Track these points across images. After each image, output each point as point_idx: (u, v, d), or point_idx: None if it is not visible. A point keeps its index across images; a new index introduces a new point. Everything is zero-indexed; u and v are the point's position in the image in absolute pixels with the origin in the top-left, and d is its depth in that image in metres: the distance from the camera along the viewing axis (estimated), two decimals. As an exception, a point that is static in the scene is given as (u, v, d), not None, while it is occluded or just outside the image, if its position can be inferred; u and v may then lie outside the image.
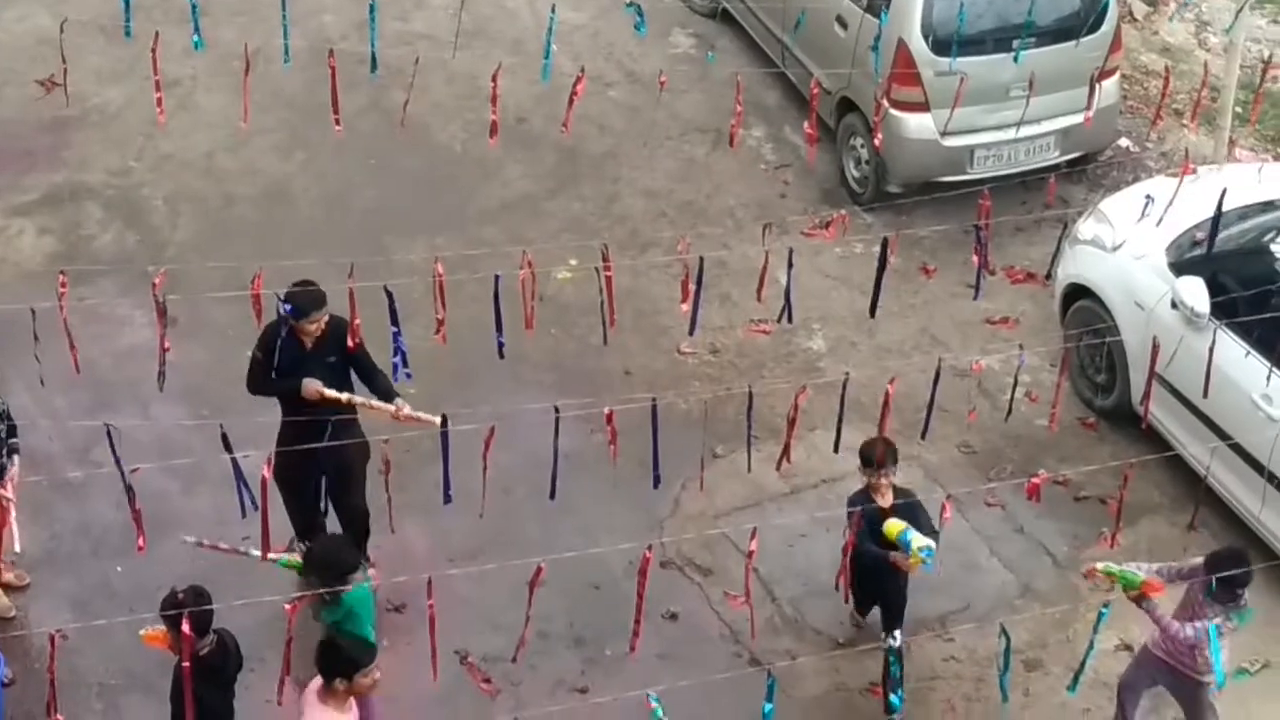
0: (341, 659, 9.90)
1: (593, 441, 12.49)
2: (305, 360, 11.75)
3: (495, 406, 11.84)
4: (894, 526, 11.14)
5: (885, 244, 11.73)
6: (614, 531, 12.47)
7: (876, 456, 11.37)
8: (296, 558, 11.14)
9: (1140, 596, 10.65)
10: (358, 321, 11.32)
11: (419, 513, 12.58)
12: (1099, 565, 10.83)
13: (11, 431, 11.88)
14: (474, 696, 11.83)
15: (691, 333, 12.23)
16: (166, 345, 11.14)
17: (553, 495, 10.96)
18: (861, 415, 12.64)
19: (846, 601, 11.22)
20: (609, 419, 10.73)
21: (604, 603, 12.33)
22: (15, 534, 11.54)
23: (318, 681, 9.98)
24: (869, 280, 12.20)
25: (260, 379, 11.96)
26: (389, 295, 10.82)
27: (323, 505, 12.62)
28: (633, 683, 10.96)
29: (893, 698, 11.05)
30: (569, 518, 12.67)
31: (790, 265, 11.83)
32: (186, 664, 9.67)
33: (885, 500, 11.31)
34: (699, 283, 11.63)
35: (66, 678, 11.00)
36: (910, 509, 11.36)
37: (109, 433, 10.18)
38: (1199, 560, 10.70)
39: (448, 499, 10.84)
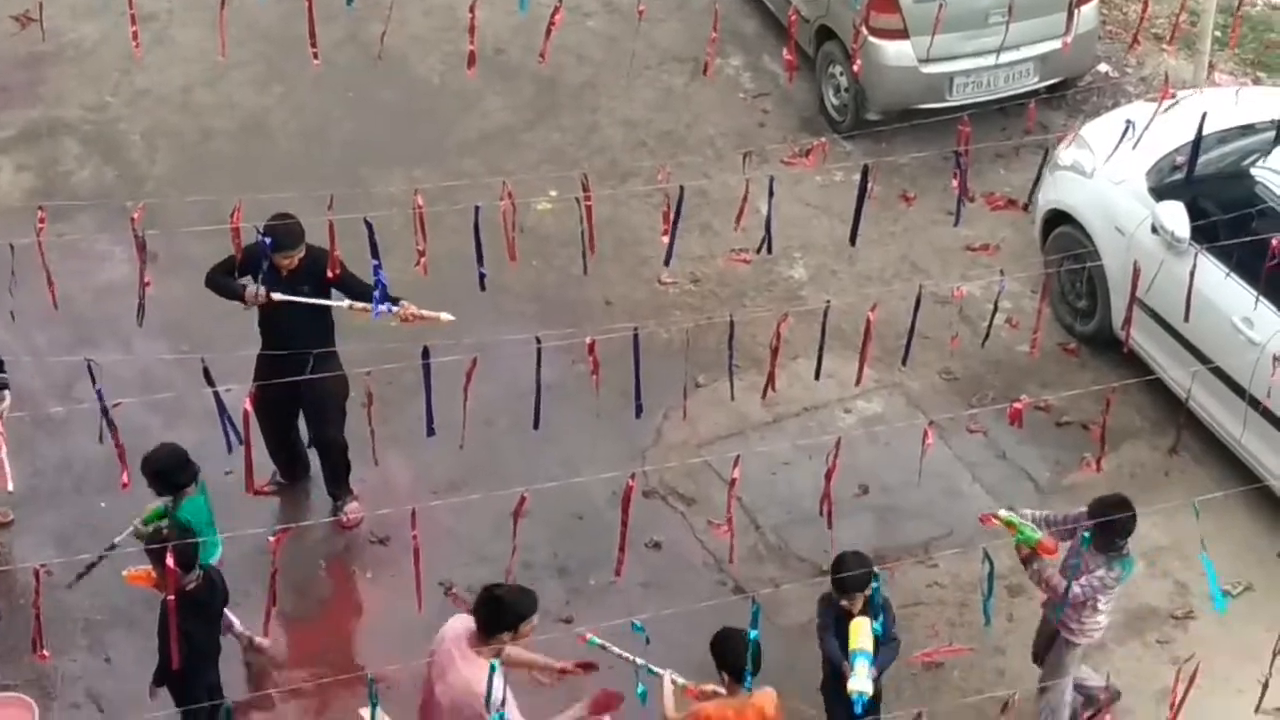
0: (508, 613, 9.68)
1: (574, 372, 12.50)
2: (277, 288, 11.77)
3: (477, 338, 11.80)
4: (855, 634, 10.39)
5: (866, 171, 11.70)
6: (596, 461, 12.47)
7: (849, 584, 10.49)
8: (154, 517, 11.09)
9: (1031, 555, 10.65)
10: (337, 254, 11.28)
11: (401, 445, 12.59)
12: (1001, 512, 10.79)
13: None
14: (459, 627, 11.86)
15: (667, 262, 12.19)
16: (147, 280, 11.10)
17: (536, 425, 10.94)
18: (843, 343, 12.66)
19: (830, 528, 11.22)
20: (590, 349, 10.71)
21: (587, 533, 12.36)
22: (7, 472, 11.52)
23: (465, 628, 9.75)
24: (849, 208, 12.18)
25: (219, 274, 12.03)
26: (369, 227, 10.77)
27: (303, 438, 12.66)
28: (617, 612, 10.98)
29: (876, 624, 11.04)
30: (551, 448, 12.68)
31: (770, 194, 11.80)
32: (171, 597, 9.67)
33: (855, 607, 10.56)
34: (678, 212, 11.60)
35: (52, 614, 10.99)
36: (876, 609, 10.54)
37: (90, 368, 10.15)
38: (1083, 509, 10.67)
39: (431, 431, 10.82)
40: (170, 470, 11.02)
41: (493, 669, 9.11)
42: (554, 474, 11.99)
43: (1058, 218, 14.02)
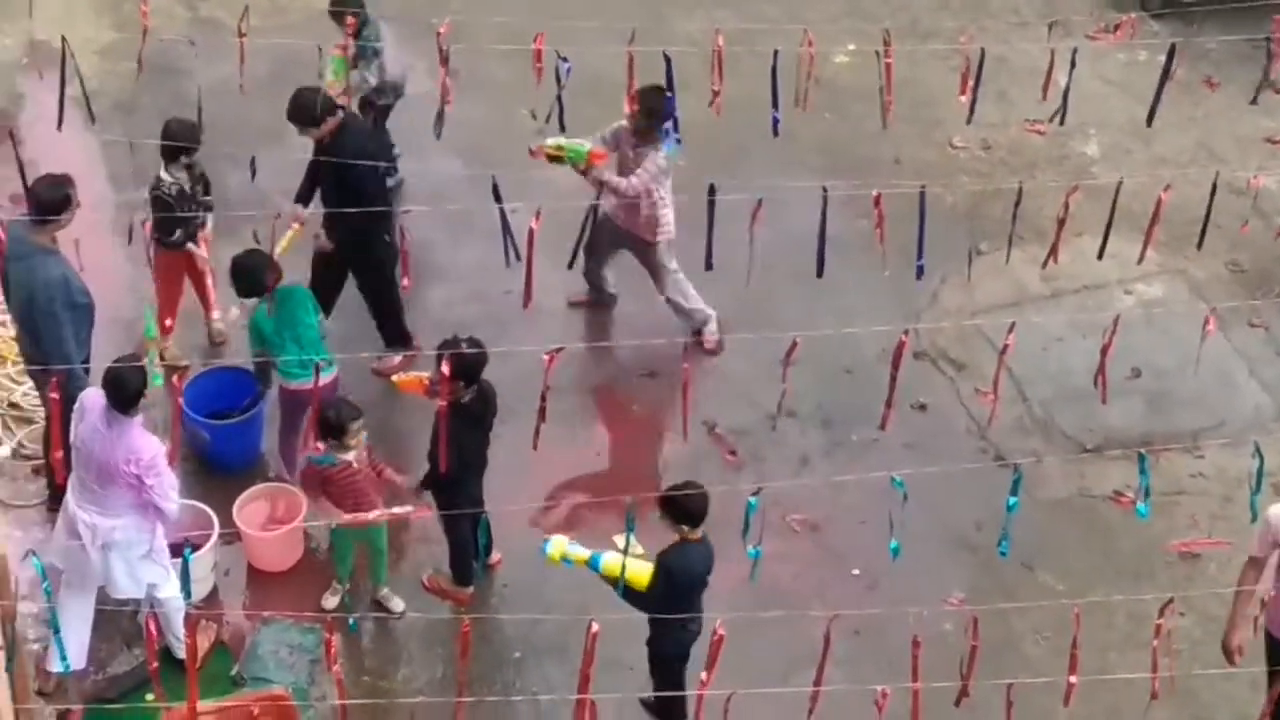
0: None
1: (857, 226, 12.47)
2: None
3: (763, 182, 11.83)
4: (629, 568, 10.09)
5: (1172, 52, 11.48)
6: (870, 316, 12.44)
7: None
8: None
9: (588, 167, 11.87)
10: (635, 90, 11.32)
11: (677, 281, 12.65)
12: (548, 140, 11.64)
13: (206, 189, 12.15)
14: (718, 465, 12.00)
15: (970, 121, 12.09)
16: (449, 99, 11.23)
17: (820, 273, 10.92)
18: (1130, 224, 12.42)
19: (1104, 402, 11.08)
20: (876, 202, 10.68)
21: (854, 387, 12.37)
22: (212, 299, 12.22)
23: None
24: (1150, 89, 11.95)
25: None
26: (668, 62, 10.83)
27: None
28: (877, 467, 11.02)
29: (1140, 506, 10.93)
30: (827, 299, 12.61)
31: (1072, 66, 11.65)
32: (445, 404, 9.92)
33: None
34: (978, 76, 11.49)
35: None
36: None
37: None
38: (621, 123, 12.01)
39: (709, 265, 10.89)
40: (250, 271, 11.38)
41: None
42: (827, 324, 11.98)
43: (1367, 117, 13.68)
